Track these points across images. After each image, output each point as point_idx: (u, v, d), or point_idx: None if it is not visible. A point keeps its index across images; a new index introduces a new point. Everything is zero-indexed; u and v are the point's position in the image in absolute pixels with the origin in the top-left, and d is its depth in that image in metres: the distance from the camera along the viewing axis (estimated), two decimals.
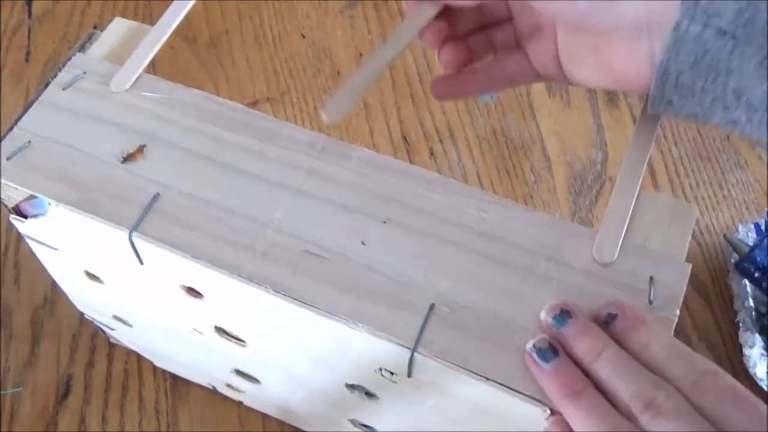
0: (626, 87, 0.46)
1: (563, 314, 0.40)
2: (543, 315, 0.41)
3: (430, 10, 0.46)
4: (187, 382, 0.70)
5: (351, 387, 0.50)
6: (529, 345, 0.40)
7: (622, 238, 0.44)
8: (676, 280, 0.43)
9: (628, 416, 0.37)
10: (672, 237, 0.44)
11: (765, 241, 0.70)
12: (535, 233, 0.44)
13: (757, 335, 0.68)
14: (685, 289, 0.42)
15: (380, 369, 0.45)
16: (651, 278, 0.42)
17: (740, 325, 0.70)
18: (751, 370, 0.68)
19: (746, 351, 0.68)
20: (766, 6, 0.39)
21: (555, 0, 0.43)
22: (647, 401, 0.36)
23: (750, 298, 0.71)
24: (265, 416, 0.68)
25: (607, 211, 0.45)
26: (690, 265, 0.43)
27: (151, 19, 0.90)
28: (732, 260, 0.73)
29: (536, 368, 0.39)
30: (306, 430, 0.67)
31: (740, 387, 0.37)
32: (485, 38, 0.52)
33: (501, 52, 0.52)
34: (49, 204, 0.46)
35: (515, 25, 0.52)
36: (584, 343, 0.39)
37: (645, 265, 0.43)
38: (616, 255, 0.43)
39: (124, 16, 0.90)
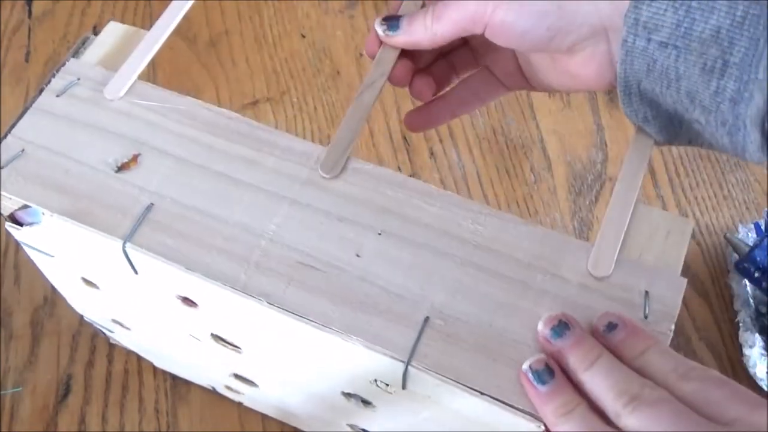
0: (589, 87, 0.48)
1: (561, 325, 0.40)
2: (540, 326, 0.41)
3: (392, 52, 0.50)
4: (187, 383, 0.70)
5: (347, 395, 0.50)
6: (525, 366, 0.40)
7: (617, 252, 0.43)
8: (671, 294, 0.42)
9: (615, 418, 0.37)
10: (668, 251, 0.44)
11: (765, 241, 0.69)
12: (531, 246, 0.44)
13: (757, 335, 0.68)
14: (680, 304, 0.42)
15: (375, 380, 0.45)
16: (646, 292, 0.42)
17: (740, 325, 0.70)
18: (751, 370, 0.67)
19: (746, 351, 0.68)
20: (701, 16, 0.40)
21: (512, 36, 0.45)
22: (631, 397, 0.36)
23: (750, 298, 0.71)
24: (265, 416, 0.68)
25: (602, 224, 0.44)
26: (685, 280, 0.43)
27: (150, 19, 0.89)
28: (732, 260, 0.73)
29: (531, 390, 0.39)
30: (306, 431, 0.67)
31: (727, 378, 0.37)
32: (446, 64, 0.55)
33: (463, 72, 0.55)
34: (43, 213, 0.46)
35: (471, 47, 0.54)
36: (579, 353, 0.39)
37: (640, 279, 0.43)
38: (612, 269, 0.43)
39: (123, 16, 0.90)
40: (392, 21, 0.49)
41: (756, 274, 0.70)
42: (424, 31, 0.47)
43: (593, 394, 0.38)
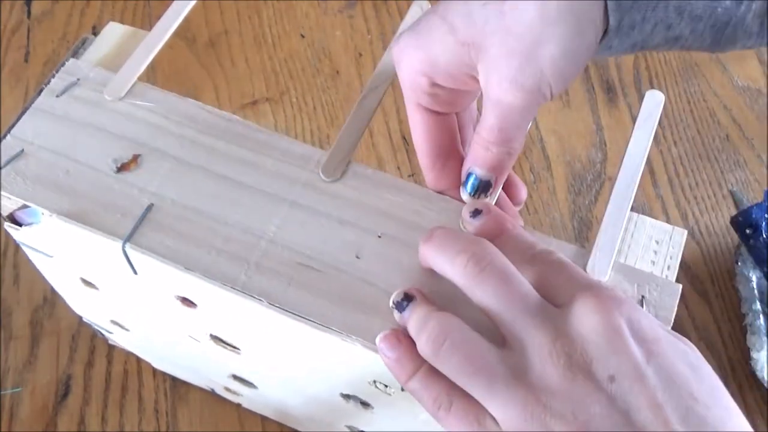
0: None
1: (405, 299, 0.41)
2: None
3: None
4: (187, 383, 0.70)
5: (346, 396, 0.50)
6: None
7: (613, 259, 0.44)
8: (666, 300, 0.43)
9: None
10: (662, 261, 0.44)
11: (766, 203, 0.70)
12: None
13: (765, 338, 0.68)
14: (675, 308, 0.42)
15: (374, 381, 0.45)
16: (642, 297, 0.43)
17: (747, 328, 0.70)
18: (759, 374, 0.67)
19: (754, 354, 0.68)
20: None
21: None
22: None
23: (757, 301, 0.71)
24: (264, 417, 0.68)
25: (599, 231, 0.45)
26: (680, 286, 0.43)
27: (150, 19, 0.90)
28: (738, 263, 0.73)
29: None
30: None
31: (566, 263, 0.40)
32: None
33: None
34: (42, 214, 0.46)
35: None
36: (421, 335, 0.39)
37: (636, 286, 0.43)
38: (608, 275, 0.43)
39: (122, 16, 0.90)
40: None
41: (747, 231, 0.70)
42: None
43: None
